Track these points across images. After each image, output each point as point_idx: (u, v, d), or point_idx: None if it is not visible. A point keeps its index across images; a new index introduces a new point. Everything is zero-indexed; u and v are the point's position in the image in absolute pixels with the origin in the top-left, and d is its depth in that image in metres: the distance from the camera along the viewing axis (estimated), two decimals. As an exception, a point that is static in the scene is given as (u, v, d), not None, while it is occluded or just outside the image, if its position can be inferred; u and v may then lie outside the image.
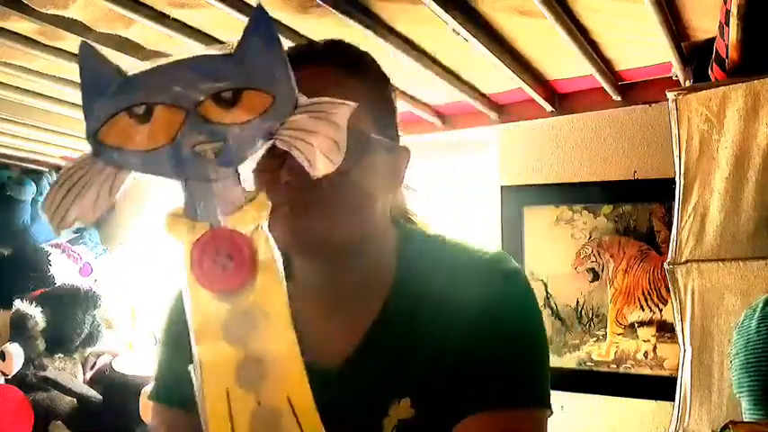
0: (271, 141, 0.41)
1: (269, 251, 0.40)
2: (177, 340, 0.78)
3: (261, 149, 0.41)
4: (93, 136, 0.41)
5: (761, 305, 1.19)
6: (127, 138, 0.40)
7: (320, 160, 0.40)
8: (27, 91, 1.88)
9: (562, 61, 1.68)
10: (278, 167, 0.63)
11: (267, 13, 0.43)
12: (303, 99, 0.41)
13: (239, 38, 0.42)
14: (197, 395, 0.39)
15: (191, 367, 0.40)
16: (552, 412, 0.70)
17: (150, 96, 0.40)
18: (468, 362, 0.67)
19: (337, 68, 0.69)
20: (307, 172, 0.53)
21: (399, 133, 0.75)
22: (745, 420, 1.16)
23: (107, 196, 0.40)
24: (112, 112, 0.40)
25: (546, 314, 2.05)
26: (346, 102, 0.41)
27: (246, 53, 0.41)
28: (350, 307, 0.72)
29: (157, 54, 1.55)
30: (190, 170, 0.40)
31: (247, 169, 0.62)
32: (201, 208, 0.40)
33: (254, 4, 0.44)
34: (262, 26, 0.42)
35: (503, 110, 2.05)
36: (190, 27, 1.38)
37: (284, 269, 0.41)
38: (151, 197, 2.98)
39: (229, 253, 0.38)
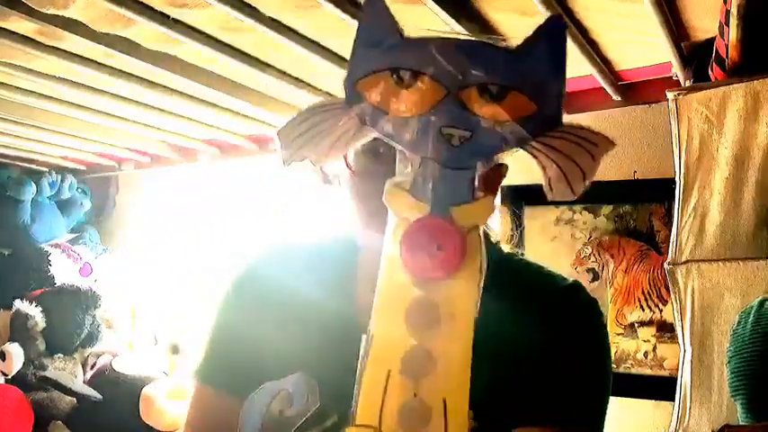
0: (517, 149, 0.40)
1: (478, 254, 0.39)
2: (239, 322, 0.75)
3: (506, 153, 0.41)
4: (352, 83, 0.41)
5: (754, 309, 1.19)
6: (384, 96, 0.39)
7: (563, 188, 0.41)
8: (27, 91, 1.88)
9: (562, 61, 1.68)
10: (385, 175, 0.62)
11: (564, 24, 0.43)
12: (565, 120, 0.41)
13: (526, 37, 0.41)
14: (359, 365, 0.39)
15: (363, 336, 0.39)
16: None
17: (421, 65, 0.39)
18: (539, 375, 0.67)
19: None
20: None
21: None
22: (741, 424, 1.16)
23: (343, 146, 0.40)
24: (380, 67, 0.40)
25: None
26: (608, 137, 0.41)
27: (529, 55, 0.40)
28: None
29: (157, 54, 1.55)
30: (431, 149, 0.39)
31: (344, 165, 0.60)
32: (429, 190, 0.39)
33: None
34: (555, 35, 0.41)
35: (503, 110, 2.05)
36: (190, 27, 1.38)
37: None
38: (151, 197, 2.98)
39: (441, 243, 0.38)
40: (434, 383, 0.38)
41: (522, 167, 2.20)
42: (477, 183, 0.40)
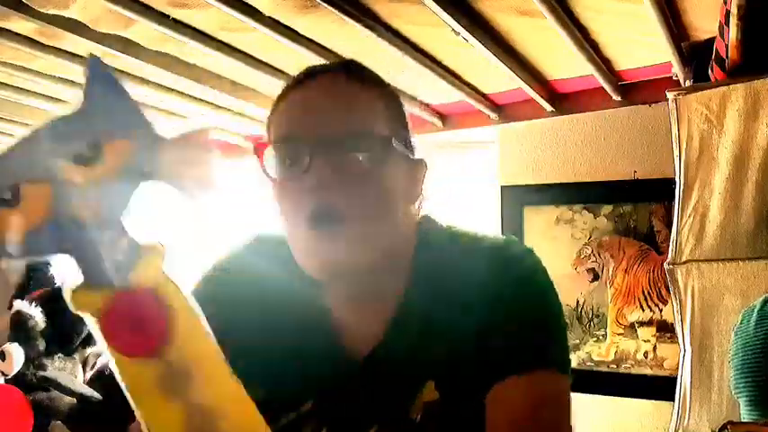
0: (149, 180, 0.39)
1: (179, 297, 0.38)
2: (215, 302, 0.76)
3: (141, 192, 0.39)
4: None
5: (758, 306, 1.19)
6: (1, 226, 0.36)
7: (201, 185, 0.40)
8: (27, 91, 1.88)
9: (562, 61, 1.68)
10: (302, 173, 0.66)
11: (102, 62, 0.40)
12: (164, 136, 0.40)
13: (82, 92, 0.39)
14: None
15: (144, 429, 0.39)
16: (571, 380, 0.74)
17: (13, 178, 0.36)
18: (492, 335, 0.70)
19: (351, 78, 0.72)
20: (333, 174, 0.62)
21: (415, 147, 0.78)
22: (743, 421, 1.16)
23: (4, 288, 0.38)
24: None
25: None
26: (205, 127, 0.40)
27: (95, 104, 0.39)
28: (374, 300, 0.75)
29: (157, 54, 1.55)
30: (73, 240, 0.37)
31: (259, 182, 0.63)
32: (96, 276, 0.37)
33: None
34: (99, 76, 0.40)
35: (503, 110, 2.05)
36: (190, 27, 1.38)
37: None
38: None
39: (138, 316, 0.37)
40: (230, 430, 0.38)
41: (521, 167, 2.20)
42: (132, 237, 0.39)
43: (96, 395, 2.35)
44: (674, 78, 1.69)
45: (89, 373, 2.57)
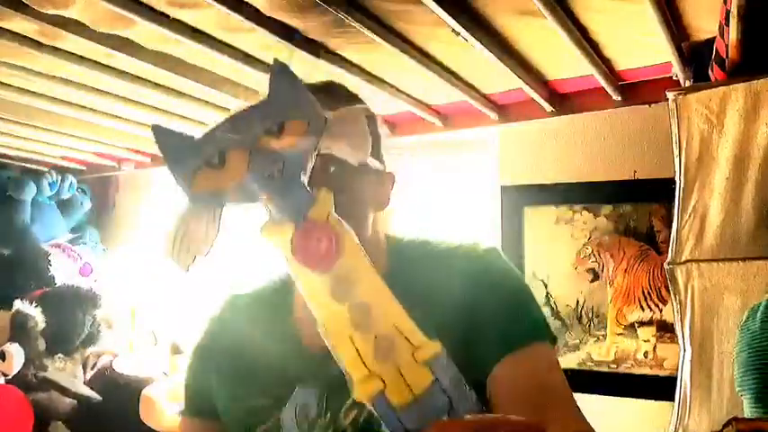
0: (317, 151, 0.53)
1: (344, 229, 0.51)
2: (207, 363, 0.93)
3: (312, 159, 0.53)
4: (187, 192, 0.52)
5: (764, 303, 1.19)
6: (213, 182, 0.52)
7: (353, 153, 0.55)
8: (27, 91, 1.88)
9: (562, 61, 1.68)
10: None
11: (284, 65, 0.55)
12: (329, 115, 0.53)
13: (268, 87, 0.54)
14: (331, 349, 0.49)
15: (320, 329, 0.50)
16: (557, 345, 0.80)
17: (220, 146, 0.52)
18: (478, 324, 0.78)
19: (329, 98, 0.78)
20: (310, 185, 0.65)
21: (384, 160, 0.87)
22: (747, 417, 1.16)
23: (213, 230, 0.52)
24: (195, 166, 0.52)
25: (546, 314, 2.05)
26: (361, 106, 0.54)
27: (278, 96, 0.54)
28: None
29: (157, 54, 1.55)
30: (266, 189, 0.51)
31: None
32: (286, 212, 0.51)
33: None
34: (285, 75, 0.54)
35: (503, 110, 2.05)
36: (190, 27, 1.38)
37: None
38: (151, 197, 2.98)
39: (320, 237, 0.50)
40: (381, 321, 0.49)
41: (521, 167, 2.21)
42: (309, 187, 0.52)
43: (96, 395, 2.35)
44: (674, 78, 1.69)
45: (89, 374, 2.57)
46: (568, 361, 1.99)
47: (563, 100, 1.96)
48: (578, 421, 0.78)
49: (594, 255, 1.99)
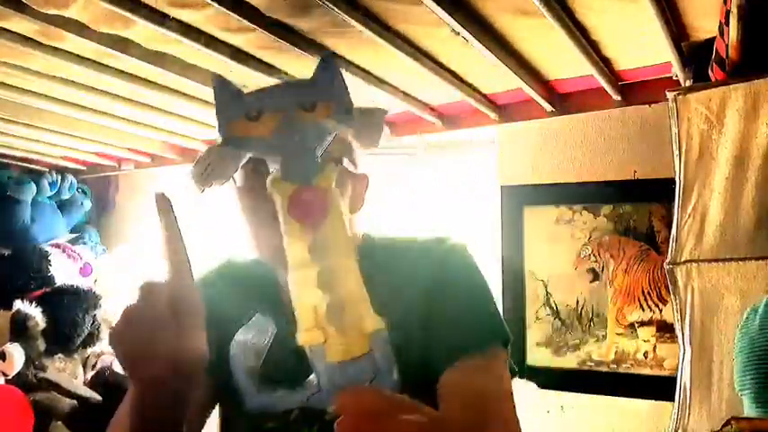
0: (337, 131, 0.60)
1: (337, 201, 0.57)
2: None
3: (330, 137, 0.60)
4: (223, 132, 0.60)
5: (764, 303, 1.19)
6: (243, 131, 0.60)
7: (372, 138, 0.62)
8: (27, 91, 1.88)
9: (562, 61, 1.68)
10: (262, 186, 0.74)
11: (331, 58, 0.64)
12: (356, 106, 0.62)
13: (315, 69, 0.64)
14: (293, 297, 0.55)
15: (289, 276, 0.55)
16: (509, 350, 0.85)
17: (260, 105, 0.61)
18: (437, 323, 0.80)
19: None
20: None
21: (358, 163, 0.91)
22: (747, 416, 1.16)
23: (234, 168, 0.60)
24: (235, 115, 0.61)
25: (546, 314, 2.05)
26: (381, 108, 0.62)
27: (319, 80, 0.63)
28: None
29: (157, 54, 1.55)
30: (286, 149, 0.59)
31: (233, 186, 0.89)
32: (294, 173, 0.57)
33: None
34: (329, 66, 0.64)
35: (503, 110, 2.05)
36: (190, 27, 1.38)
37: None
38: (151, 197, 2.98)
39: (315, 200, 0.56)
40: (341, 287, 0.54)
41: (521, 167, 2.21)
42: (320, 160, 0.59)
43: (96, 396, 2.35)
44: (674, 78, 1.69)
45: (90, 374, 2.57)
46: (568, 361, 1.99)
47: (563, 100, 1.96)
48: None
49: (594, 255, 1.99)
